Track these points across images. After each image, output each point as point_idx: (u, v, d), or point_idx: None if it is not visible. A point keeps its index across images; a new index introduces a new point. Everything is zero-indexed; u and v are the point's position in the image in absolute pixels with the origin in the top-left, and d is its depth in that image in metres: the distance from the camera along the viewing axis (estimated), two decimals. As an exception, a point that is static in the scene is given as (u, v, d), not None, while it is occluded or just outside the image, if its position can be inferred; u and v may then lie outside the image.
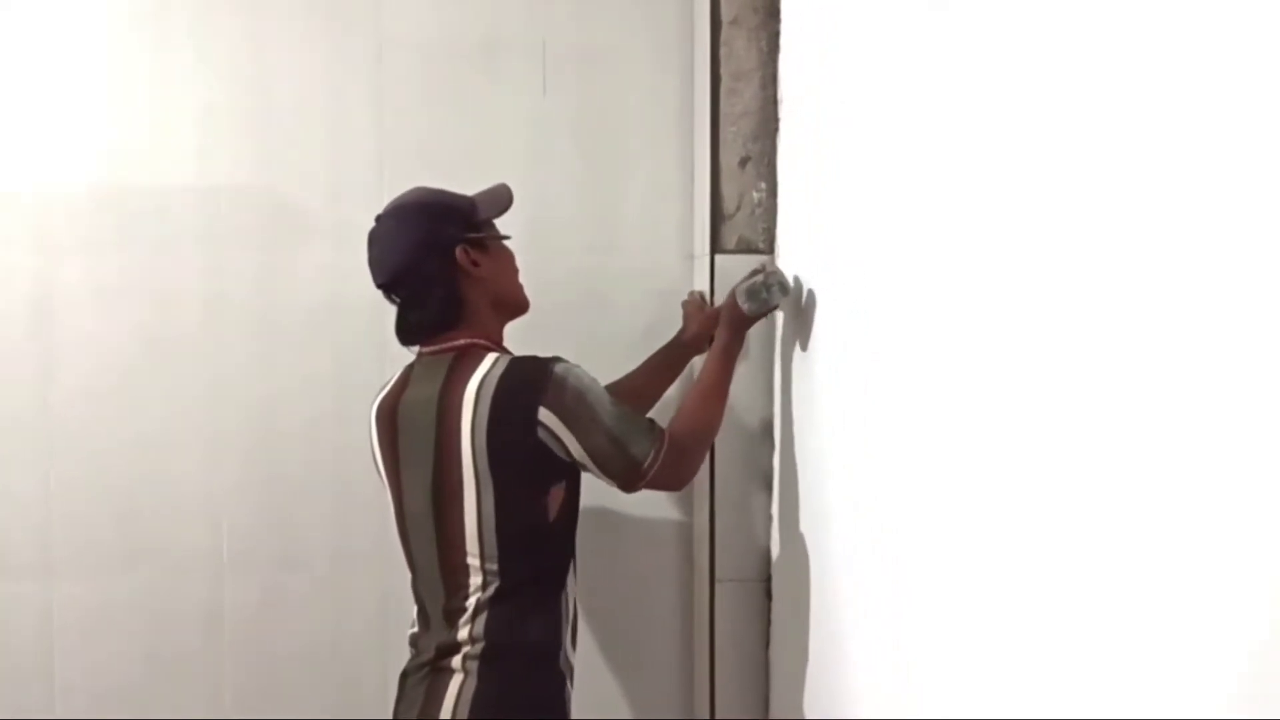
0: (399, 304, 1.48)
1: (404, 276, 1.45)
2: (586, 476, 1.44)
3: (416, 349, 1.49)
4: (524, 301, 1.56)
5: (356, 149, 1.88)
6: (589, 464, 1.38)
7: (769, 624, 1.87)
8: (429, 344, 1.47)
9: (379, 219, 1.49)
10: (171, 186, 1.84)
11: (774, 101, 1.84)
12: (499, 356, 1.40)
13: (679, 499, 1.96)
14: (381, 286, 1.49)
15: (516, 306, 1.55)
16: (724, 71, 1.85)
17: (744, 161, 1.86)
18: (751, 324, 1.62)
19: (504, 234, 1.54)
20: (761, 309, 1.58)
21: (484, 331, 1.47)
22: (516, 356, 1.42)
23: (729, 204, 1.87)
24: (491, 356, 1.40)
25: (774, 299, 1.58)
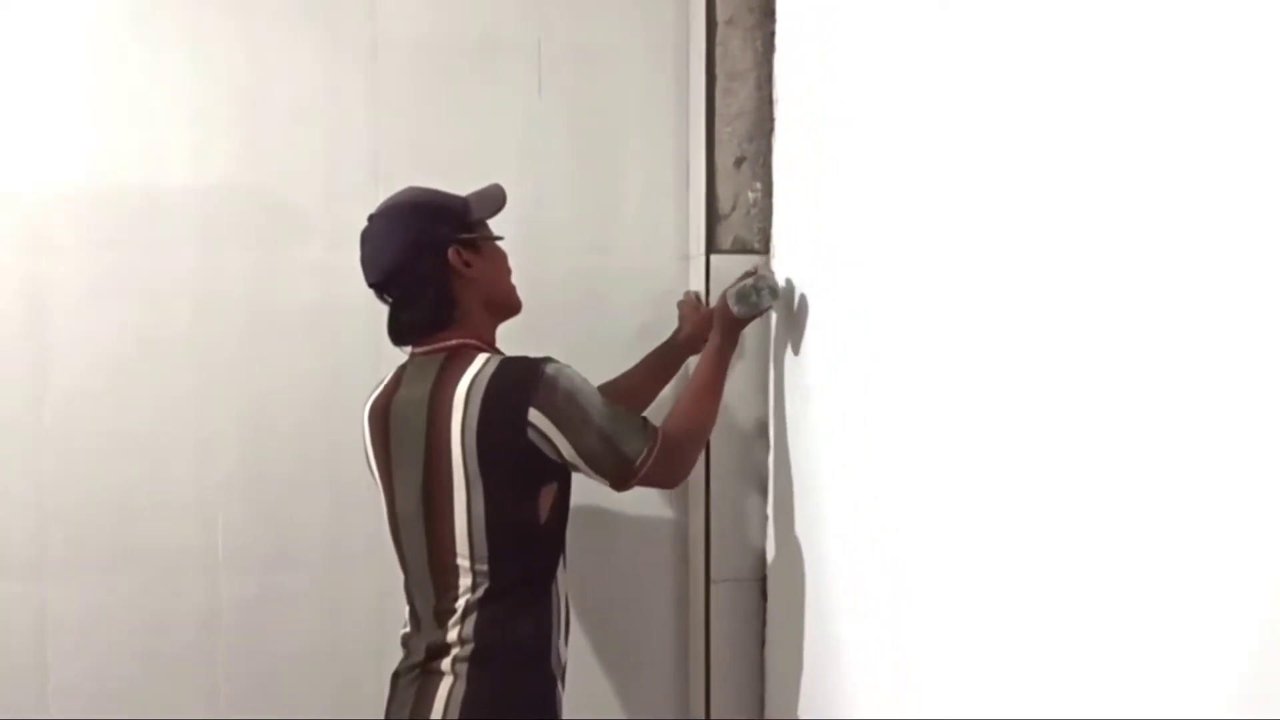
0: (391, 303, 1.48)
1: (396, 276, 1.45)
2: (578, 476, 1.43)
3: (409, 349, 1.49)
4: (516, 303, 1.56)
5: (351, 148, 1.88)
6: (580, 464, 1.38)
7: (764, 624, 1.87)
8: (421, 344, 1.46)
9: (371, 218, 1.49)
10: (165, 186, 1.83)
11: (769, 101, 1.84)
12: (489, 357, 1.40)
13: (674, 499, 1.96)
14: (373, 286, 1.49)
15: (509, 308, 1.55)
16: (719, 71, 1.85)
17: (739, 161, 1.86)
18: (743, 326, 1.62)
19: (497, 235, 1.54)
20: (752, 312, 1.59)
21: (476, 332, 1.47)
22: (507, 357, 1.41)
23: (724, 204, 1.87)
24: (482, 357, 1.40)
25: (764, 302, 1.58)
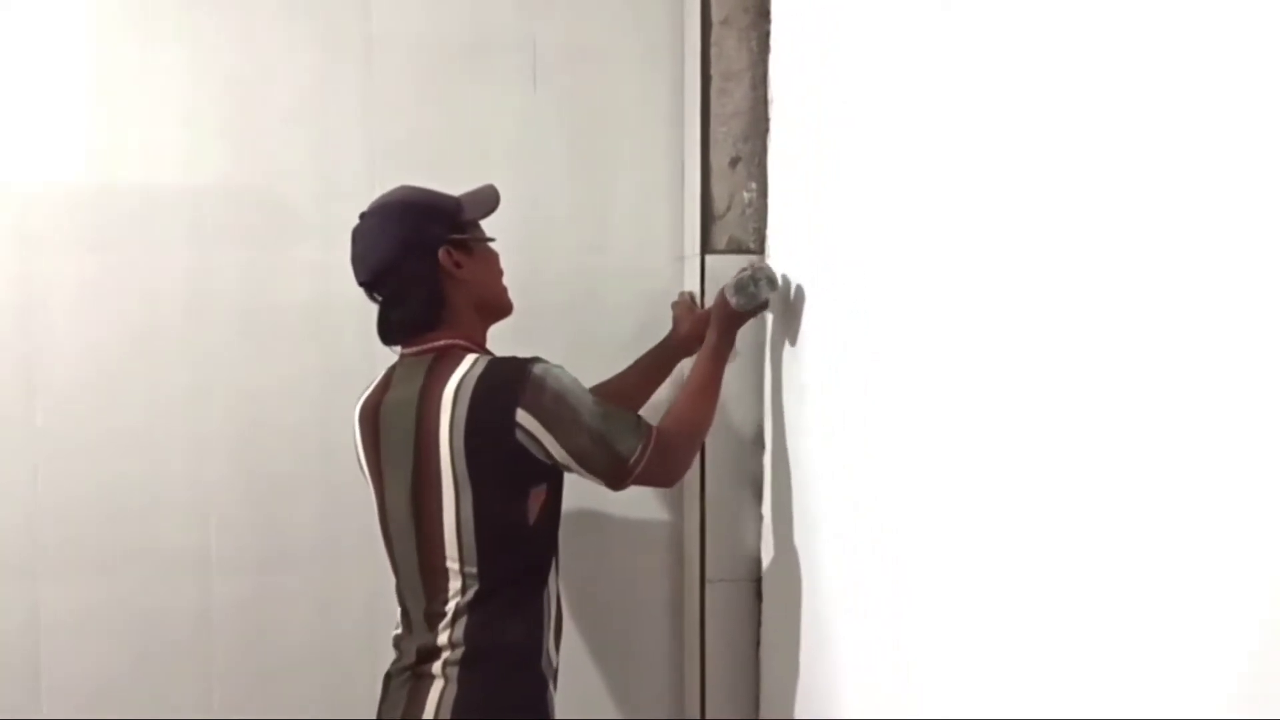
0: (380, 303, 1.47)
1: (385, 275, 1.44)
2: (572, 477, 1.43)
3: (399, 349, 1.48)
4: (507, 304, 1.55)
5: (346, 147, 1.87)
6: (572, 464, 1.37)
7: (759, 624, 1.87)
8: (410, 344, 1.46)
9: (363, 216, 1.48)
10: (159, 185, 1.83)
11: (764, 102, 1.84)
12: (477, 358, 1.39)
13: (669, 499, 1.96)
14: (363, 284, 1.48)
15: (500, 309, 1.54)
16: (714, 71, 1.85)
17: (734, 162, 1.86)
18: (742, 322, 1.62)
19: (489, 236, 1.53)
20: (750, 304, 1.58)
21: (466, 333, 1.46)
22: (494, 357, 1.41)
23: (719, 204, 1.87)
24: (470, 358, 1.39)
25: (762, 293, 1.57)
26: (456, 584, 1.37)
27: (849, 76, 1.35)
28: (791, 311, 1.62)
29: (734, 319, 1.59)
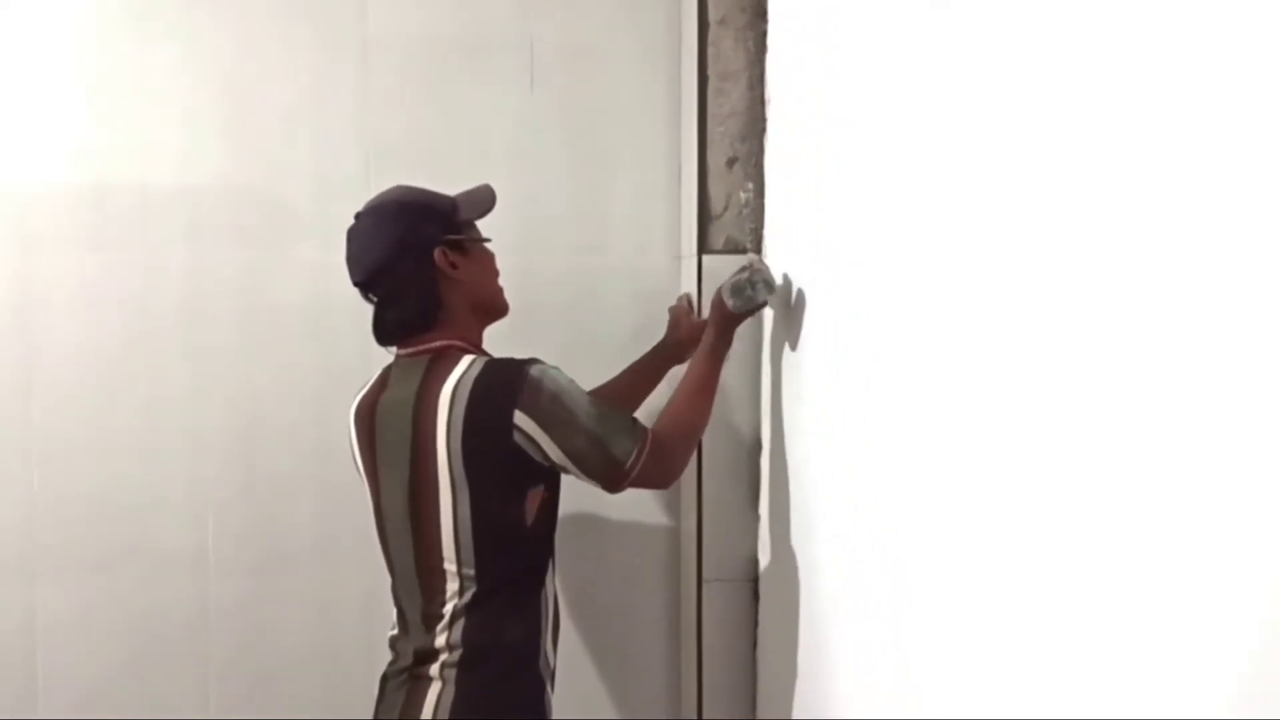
0: (375, 303, 1.47)
1: (380, 276, 1.44)
2: (569, 479, 1.42)
3: (394, 350, 1.48)
4: (503, 305, 1.54)
5: (343, 147, 1.87)
6: (569, 466, 1.36)
7: (756, 625, 1.87)
8: (406, 345, 1.45)
9: (358, 216, 1.47)
10: (156, 184, 1.82)
11: (761, 102, 1.85)
12: (474, 358, 1.38)
13: (666, 499, 1.96)
14: (358, 285, 1.47)
15: (496, 310, 1.53)
16: (711, 72, 1.85)
17: (731, 162, 1.86)
18: (738, 322, 1.61)
19: (485, 237, 1.53)
20: (747, 306, 1.57)
21: (462, 333, 1.46)
22: (491, 359, 1.40)
23: (716, 204, 1.87)
24: (467, 359, 1.38)
25: (759, 296, 1.57)
26: (454, 585, 1.37)
27: (847, 76, 1.35)
28: (789, 311, 1.62)
29: (730, 320, 1.59)
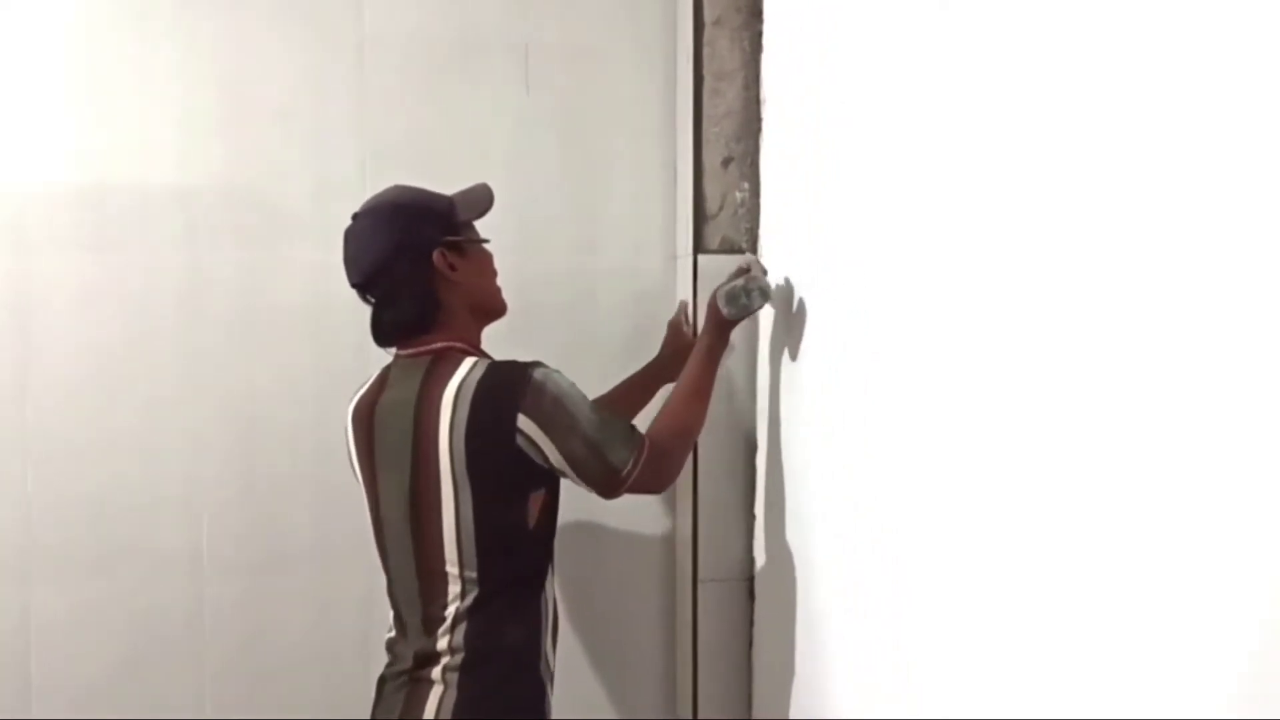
0: (373, 304, 1.46)
1: (378, 278, 1.43)
2: (567, 482, 1.42)
3: (393, 351, 1.47)
4: (501, 306, 1.53)
5: (339, 148, 1.87)
6: (568, 470, 1.36)
7: (752, 624, 1.87)
8: (405, 346, 1.44)
9: (355, 217, 1.46)
10: (152, 185, 1.82)
11: (757, 102, 1.85)
12: (477, 361, 1.38)
13: (661, 499, 1.96)
14: (356, 286, 1.47)
15: (494, 311, 1.53)
16: (707, 72, 1.85)
17: (727, 162, 1.86)
18: (733, 327, 1.61)
19: (483, 237, 1.52)
20: (741, 314, 1.57)
21: (461, 334, 1.45)
22: (494, 361, 1.40)
23: (712, 204, 1.87)
24: (469, 360, 1.38)
25: (754, 304, 1.57)
26: (455, 588, 1.36)
27: (843, 76, 1.35)
28: (785, 312, 1.62)
29: (725, 325, 1.58)
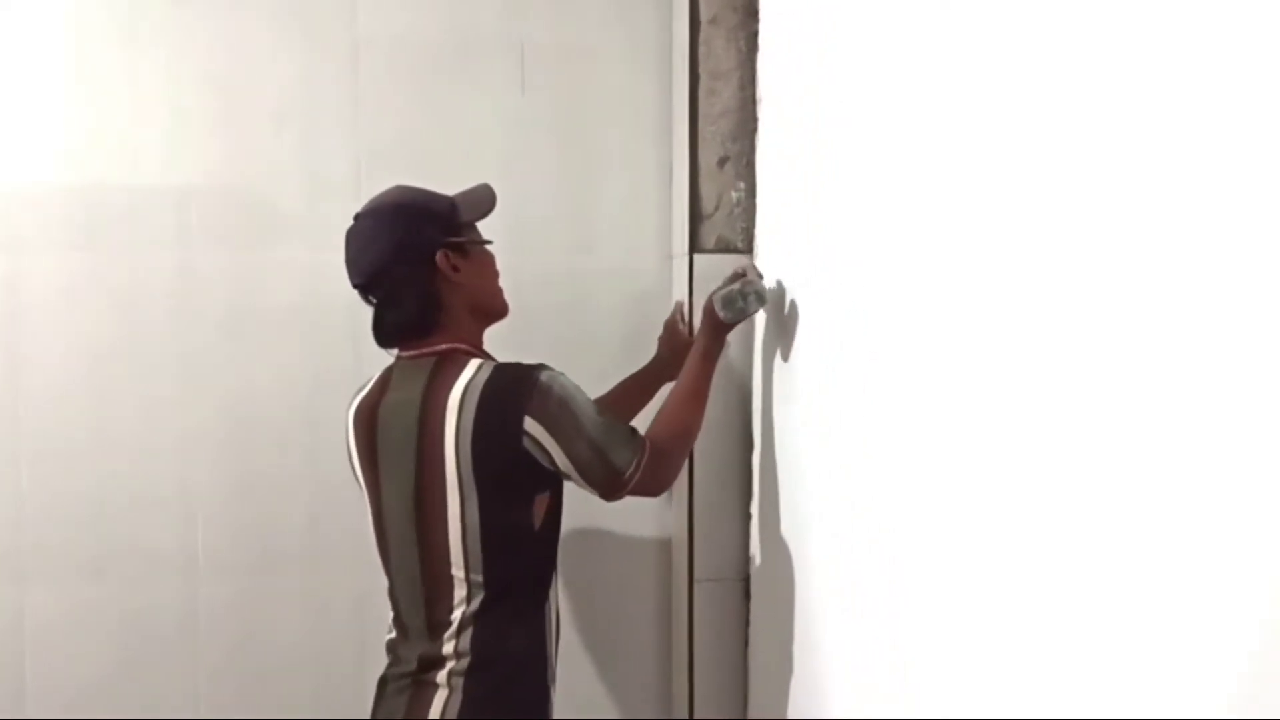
0: (375, 305, 1.45)
1: (380, 278, 1.42)
2: (569, 484, 1.42)
3: (394, 352, 1.47)
4: (503, 307, 1.53)
5: (332, 148, 1.86)
6: (572, 472, 1.36)
7: (748, 624, 1.87)
8: (408, 348, 1.44)
9: (357, 217, 1.45)
10: (144, 185, 1.81)
11: (753, 101, 1.84)
12: (482, 363, 1.37)
13: (657, 499, 1.96)
14: (357, 286, 1.46)
15: (496, 312, 1.52)
16: (703, 71, 1.85)
17: (723, 161, 1.86)
18: (729, 330, 1.61)
19: (485, 238, 1.51)
20: (738, 317, 1.57)
21: (464, 336, 1.45)
22: (500, 364, 1.39)
23: (707, 204, 1.87)
24: (475, 363, 1.37)
25: (750, 307, 1.57)
26: (461, 592, 1.36)
27: (842, 76, 1.35)
28: (782, 311, 1.62)
29: (722, 328, 1.58)
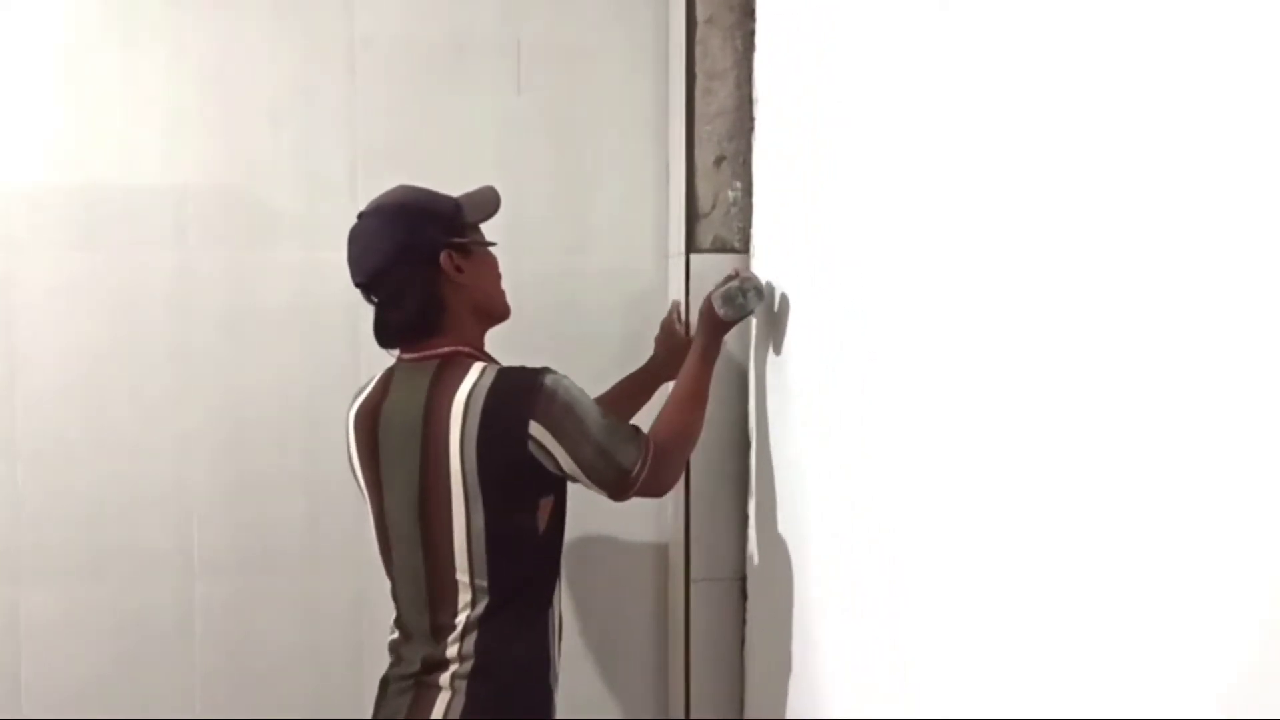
0: (377, 305, 1.44)
1: (383, 278, 1.41)
2: (574, 486, 1.42)
3: (395, 353, 1.46)
4: (505, 310, 1.52)
5: (329, 148, 1.86)
6: (579, 475, 1.36)
7: (744, 624, 1.87)
8: (410, 350, 1.43)
9: (361, 216, 1.44)
10: (141, 185, 1.81)
11: (749, 100, 1.84)
12: (486, 367, 1.37)
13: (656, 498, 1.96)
14: (360, 286, 1.45)
15: (498, 314, 1.51)
16: (699, 70, 1.85)
17: (719, 161, 1.86)
18: (728, 329, 1.61)
19: (489, 240, 1.50)
20: (738, 315, 1.58)
21: (466, 338, 1.44)
22: (504, 367, 1.38)
23: (704, 203, 1.86)
24: (478, 366, 1.37)
25: (750, 304, 1.57)
26: (466, 596, 1.36)
27: (838, 75, 1.35)
28: (778, 311, 1.62)
29: (721, 327, 1.58)
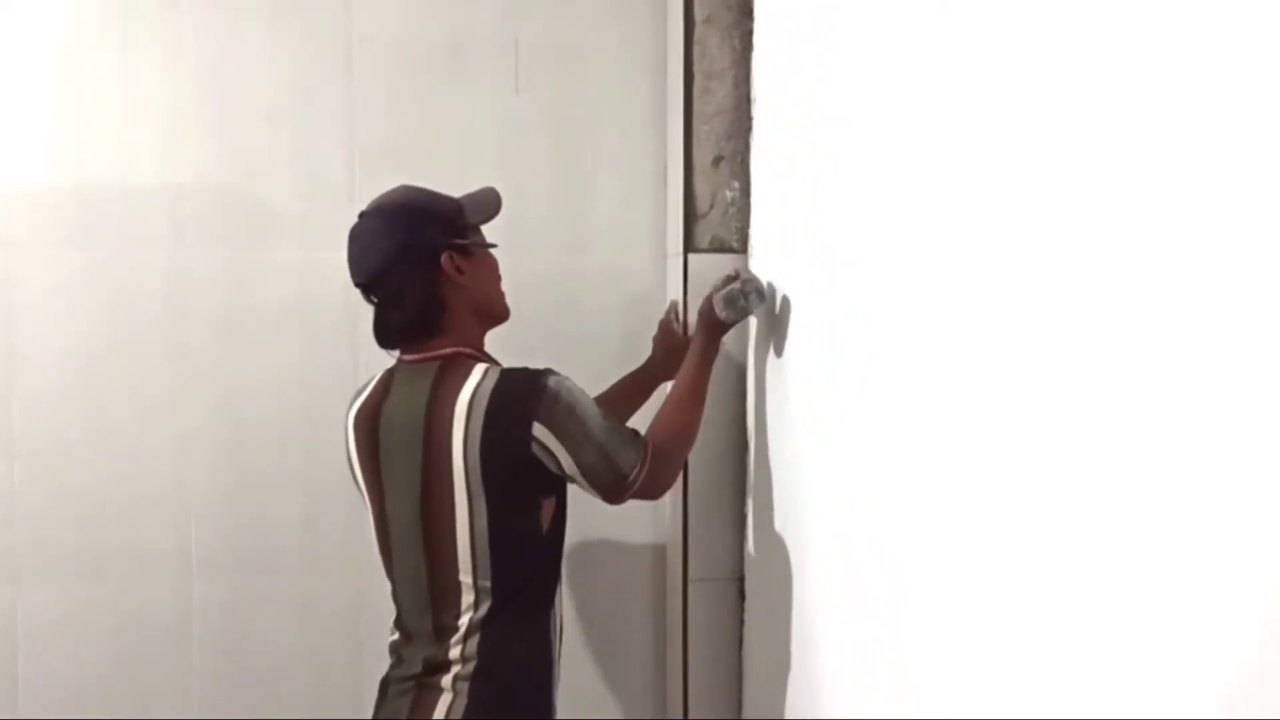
0: (377, 305, 1.44)
1: (383, 278, 1.40)
2: (574, 487, 1.42)
3: (394, 354, 1.46)
4: (505, 311, 1.52)
5: (327, 148, 1.86)
6: (578, 477, 1.36)
7: (743, 624, 1.87)
8: (410, 351, 1.42)
9: (362, 216, 1.44)
10: (139, 185, 1.81)
11: (747, 100, 1.84)
12: (488, 368, 1.37)
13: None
14: (360, 286, 1.44)
15: (498, 315, 1.51)
16: (697, 70, 1.85)
17: (717, 160, 1.86)
18: (727, 329, 1.61)
19: (490, 242, 1.50)
20: (740, 316, 1.58)
21: (467, 339, 1.43)
22: (507, 369, 1.38)
23: (702, 203, 1.87)
24: (480, 368, 1.36)
25: (751, 306, 1.57)
26: (469, 598, 1.36)
27: (836, 75, 1.35)
28: (776, 311, 1.62)
29: (720, 329, 1.59)
